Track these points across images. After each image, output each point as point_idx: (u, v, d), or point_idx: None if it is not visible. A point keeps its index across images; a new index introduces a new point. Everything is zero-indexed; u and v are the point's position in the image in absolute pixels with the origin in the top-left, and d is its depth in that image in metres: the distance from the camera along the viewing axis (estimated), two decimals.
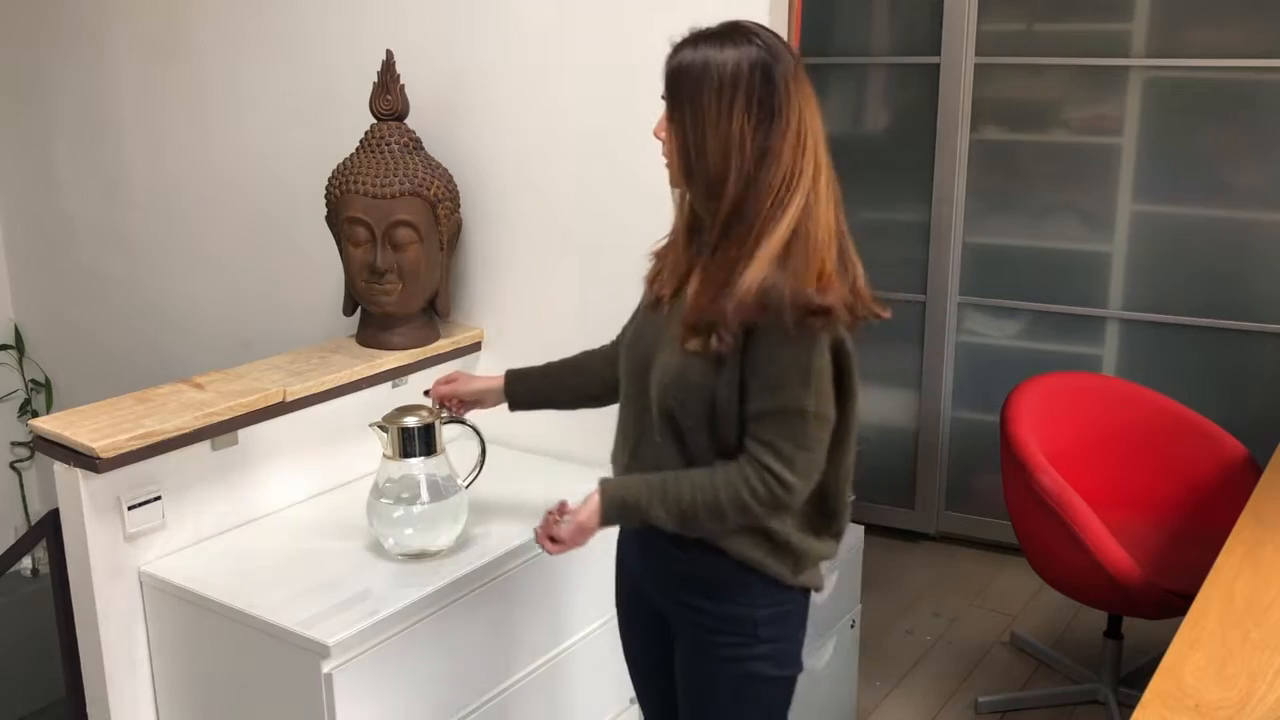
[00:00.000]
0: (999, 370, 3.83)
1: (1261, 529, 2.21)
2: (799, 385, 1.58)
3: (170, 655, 2.06)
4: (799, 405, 1.58)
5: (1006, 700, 3.07)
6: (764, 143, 1.58)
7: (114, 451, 1.92)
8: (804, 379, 1.58)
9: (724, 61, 1.58)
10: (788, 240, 1.57)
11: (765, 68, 1.58)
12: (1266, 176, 3.45)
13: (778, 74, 1.59)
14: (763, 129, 1.58)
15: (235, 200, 2.97)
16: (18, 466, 3.72)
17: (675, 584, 1.75)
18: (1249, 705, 1.64)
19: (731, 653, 1.70)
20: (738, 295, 1.56)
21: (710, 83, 1.58)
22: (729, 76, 1.57)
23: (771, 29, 1.68)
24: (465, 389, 2.05)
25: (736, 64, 1.58)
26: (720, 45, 1.60)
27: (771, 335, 1.56)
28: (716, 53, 1.59)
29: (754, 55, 1.59)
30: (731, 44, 1.59)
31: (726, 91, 1.57)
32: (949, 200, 3.82)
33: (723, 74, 1.58)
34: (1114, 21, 3.55)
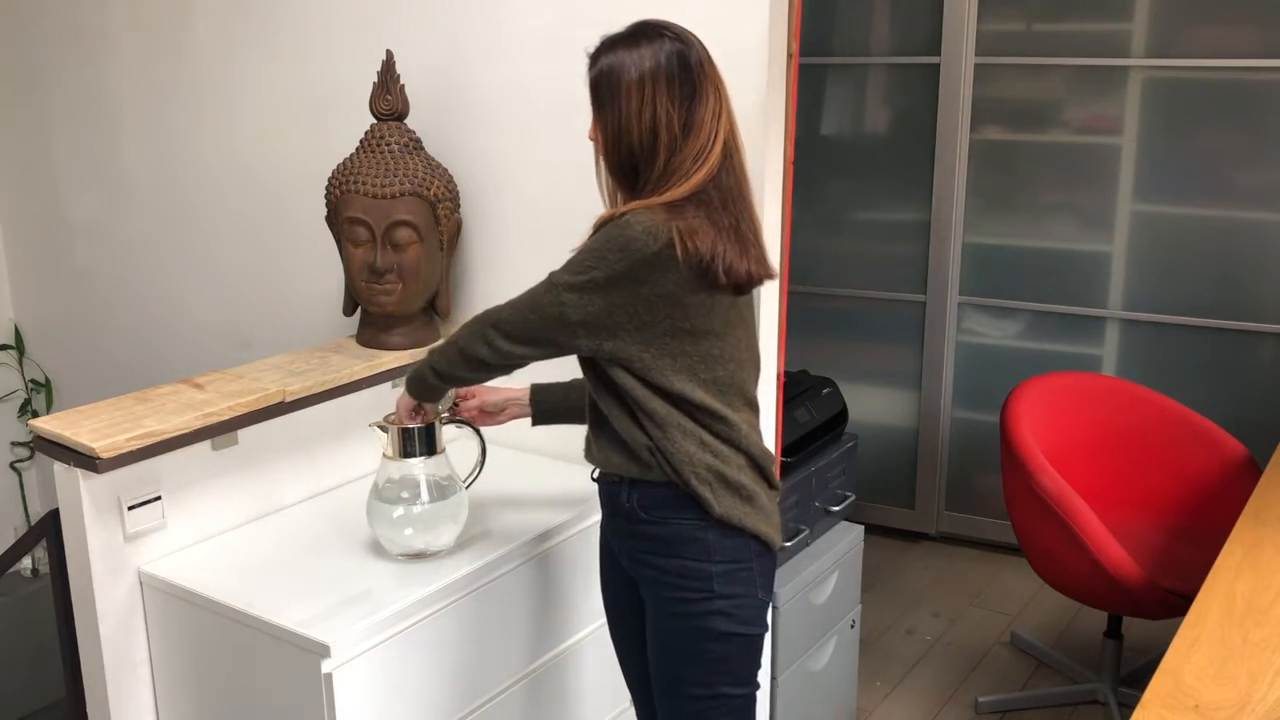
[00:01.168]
0: (999, 370, 3.83)
1: (1261, 529, 2.21)
2: (564, 270, 1.75)
3: (170, 655, 2.06)
4: (548, 280, 1.76)
5: (1006, 700, 3.07)
6: (687, 116, 1.72)
7: (114, 451, 1.92)
8: (575, 267, 1.73)
9: (641, 57, 1.73)
10: (682, 198, 1.71)
11: (681, 55, 1.74)
12: (1266, 176, 3.45)
13: (693, 58, 1.74)
14: (684, 105, 1.72)
15: (235, 200, 2.97)
16: (18, 466, 3.72)
17: (641, 547, 1.84)
18: (1249, 705, 1.64)
19: (689, 609, 1.79)
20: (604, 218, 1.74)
21: (630, 78, 1.73)
22: (648, 69, 1.72)
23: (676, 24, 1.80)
24: (490, 399, 2.10)
25: (654, 56, 1.73)
26: (635, 44, 1.74)
27: (593, 236, 1.74)
28: (633, 52, 1.73)
29: (669, 47, 1.74)
30: (645, 40, 1.74)
31: (648, 82, 1.72)
32: (949, 200, 3.82)
33: (641, 68, 1.72)
34: (1114, 21, 3.55)
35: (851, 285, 4.04)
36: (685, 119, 1.72)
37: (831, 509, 2.75)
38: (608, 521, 1.94)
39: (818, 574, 2.66)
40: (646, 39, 1.75)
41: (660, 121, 1.72)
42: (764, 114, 2.11)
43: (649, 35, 1.75)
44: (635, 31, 1.77)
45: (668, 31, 1.76)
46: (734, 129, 1.78)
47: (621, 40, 1.77)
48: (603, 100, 1.77)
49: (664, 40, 1.74)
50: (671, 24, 1.79)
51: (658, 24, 1.78)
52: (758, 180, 2.13)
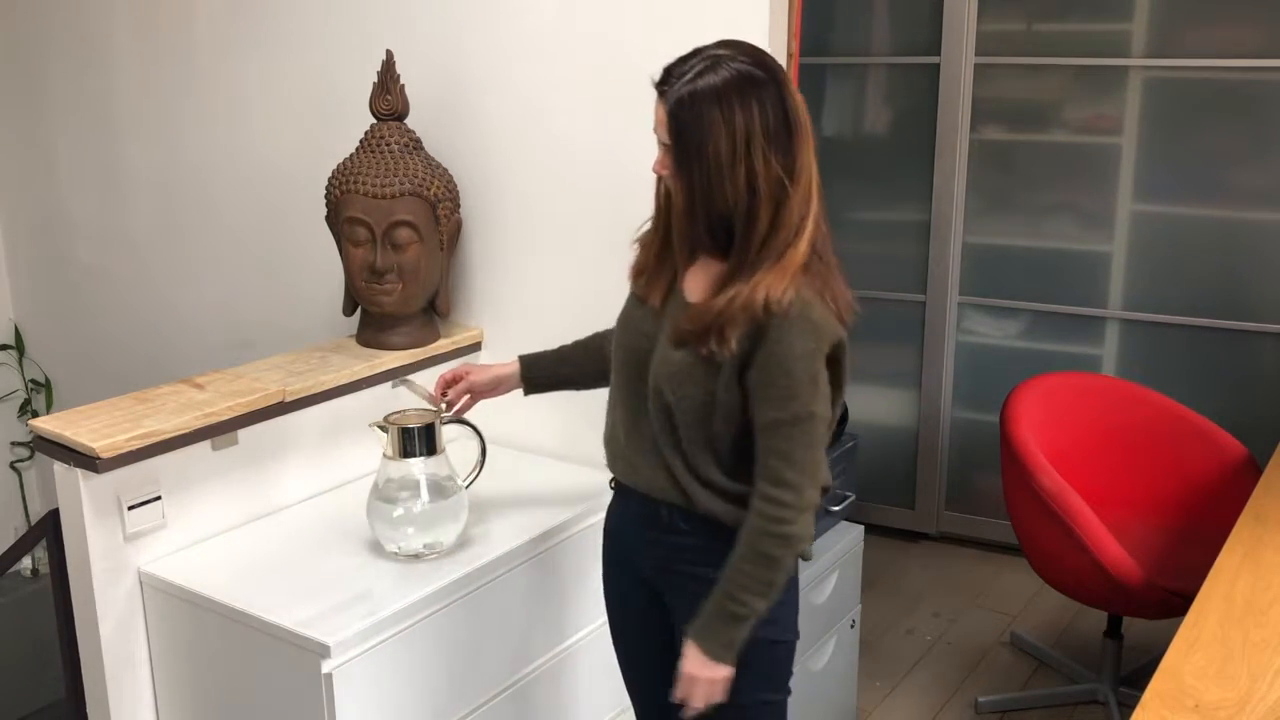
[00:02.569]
0: (999, 370, 3.83)
1: (1261, 529, 2.21)
2: (809, 395, 1.62)
3: (170, 655, 2.06)
4: (809, 410, 1.62)
5: (1006, 700, 3.07)
6: (789, 162, 1.59)
7: (114, 451, 1.92)
8: (814, 389, 1.62)
9: (732, 107, 1.55)
10: (808, 253, 1.62)
11: (777, 95, 1.58)
12: (1266, 176, 3.45)
13: (788, 96, 1.58)
14: (784, 151, 1.58)
15: (235, 200, 2.97)
16: (18, 466, 3.72)
17: (677, 556, 1.78)
18: (1249, 705, 1.64)
19: None
20: (758, 304, 1.59)
21: (723, 128, 1.56)
22: (741, 123, 1.55)
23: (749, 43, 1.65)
24: (480, 379, 2.06)
25: (747, 104, 1.56)
26: (723, 88, 1.56)
27: (787, 346, 1.60)
28: (723, 98, 1.56)
29: (764, 91, 1.57)
30: (735, 84, 1.56)
31: (741, 135, 1.56)
32: (949, 200, 3.82)
33: (733, 121, 1.55)
34: (1114, 21, 3.55)
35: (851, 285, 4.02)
36: (787, 165, 1.59)
37: (831, 509, 2.75)
38: (633, 531, 1.86)
39: (818, 574, 2.66)
40: (736, 85, 1.55)
41: (759, 176, 1.57)
42: None
43: (741, 80, 1.56)
44: (716, 64, 1.57)
45: (756, 65, 1.58)
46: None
47: (704, 76, 1.57)
48: (687, 151, 1.59)
49: (757, 81, 1.56)
50: (752, 49, 1.61)
51: (743, 48, 1.60)
52: None
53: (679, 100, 1.59)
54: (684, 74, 1.59)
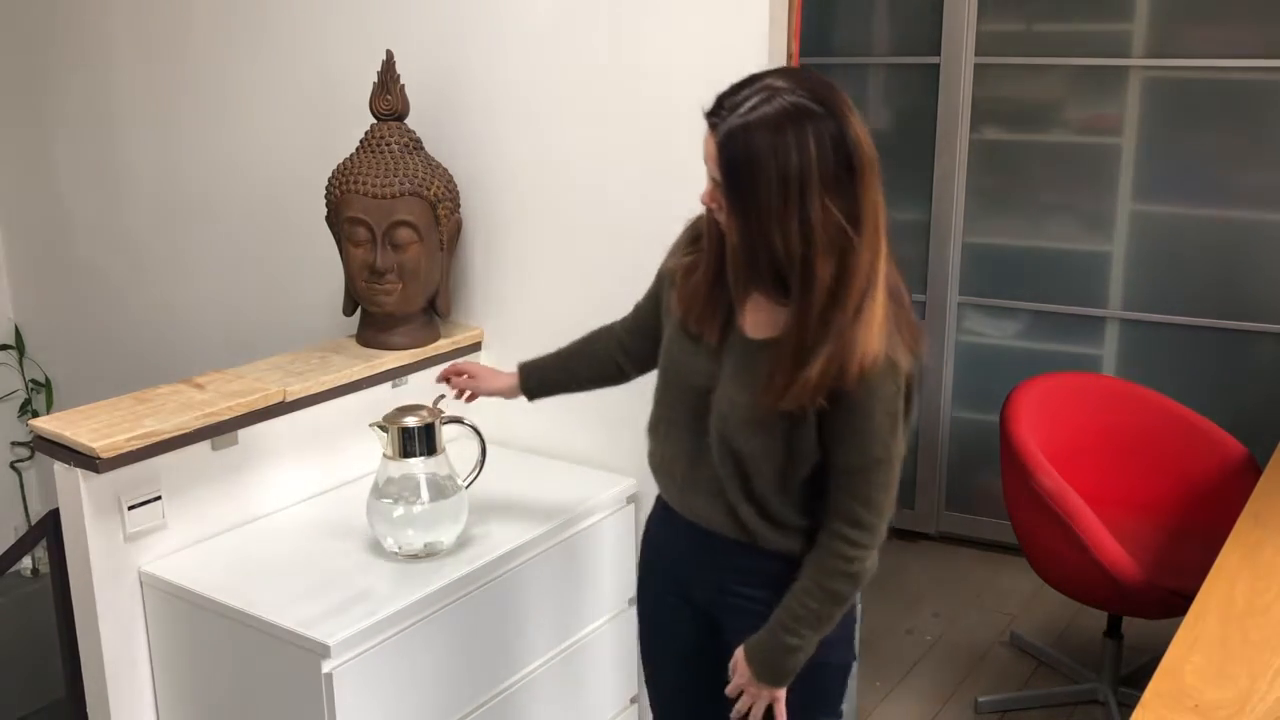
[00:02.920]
0: (999, 370, 3.83)
1: (1261, 529, 2.21)
2: (889, 436, 1.58)
3: (170, 655, 2.06)
4: (889, 454, 1.59)
5: (1006, 700, 3.07)
6: (851, 206, 1.46)
7: (114, 451, 1.92)
8: (893, 429, 1.58)
9: (786, 145, 1.43)
10: (887, 305, 1.52)
11: (838, 137, 1.44)
12: (1266, 176, 3.44)
13: (850, 134, 1.45)
14: (845, 195, 1.46)
15: (235, 200, 2.97)
16: (18, 466, 3.72)
17: (735, 579, 1.74)
18: (1249, 705, 1.64)
19: None
20: (853, 374, 1.51)
21: (775, 169, 1.43)
22: (795, 166, 1.43)
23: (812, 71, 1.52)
24: (484, 387, 2.07)
25: (803, 145, 1.43)
26: (775, 122, 1.43)
27: (871, 393, 1.55)
28: (775, 135, 1.43)
29: (822, 127, 1.43)
30: (790, 119, 1.43)
31: (794, 178, 1.43)
32: (949, 200, 3.82)
33: (787, 164, 1.42)
34: (1114, 21, 3.55)
35: None
36: (849, 211, 1.46)
37: None
38: (684, 553, 1.80)
39: None
40: (792, 121, 1.42)
41: (815, 223, 1.44)
42: None
43: (797, 115, 1.43)
44: (771, 96, 1.44)
45: (815, 98, 1.44)
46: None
47: (757, 110, 1.44)
48: (738, 191, 1.47)
49: (814, 117, 1.43)
50: (809, 76, 1.49)
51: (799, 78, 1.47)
52: None
53: (729, 134, 1.47)
54: (736, 105, 1.47)
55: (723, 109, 1.49)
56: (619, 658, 2.43)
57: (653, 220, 2.28)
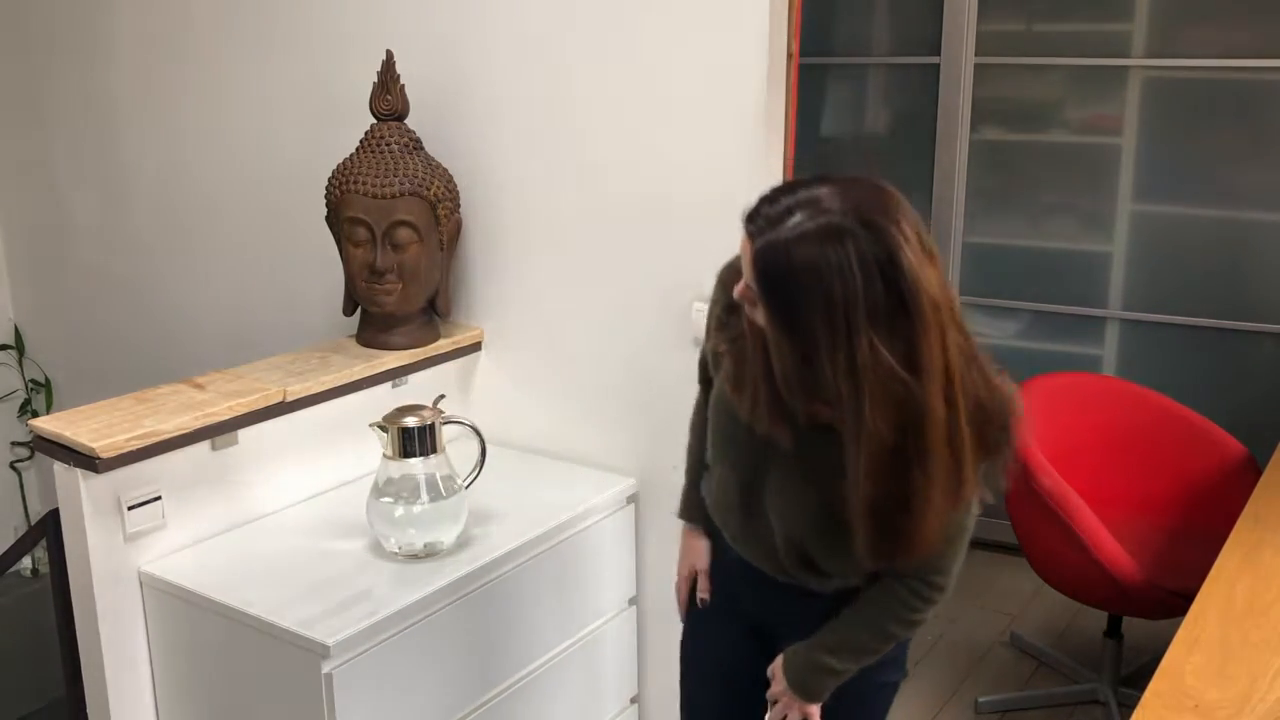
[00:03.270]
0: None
1: (1261, 529, 2.21)
2: (966, 514, 1.51)
3: (170, 655, 2.06)
4: (964, 526, 1.54)
5: (1006, 700, 3.07)
6: (908, 350, 1.28)
7: (114, 451, 1.92)
8: (969, 507, 1.50)
9: (830, 272, 1.24)
10: (970, 426, 1.36)
11: (885, 263, 1.25)
12: (1266, 176, 3.44)
13: (902, 263, 1.25)
14: (897, 335, 1.27)
15: (235, 200, 2.97)
16: (18, 466, 3.72)
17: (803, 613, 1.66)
18: (1249, 705, 1.64)
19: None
20: (959, 518, 1.42)
21: (820, 301, 1.26)
22: (839, 296, 1.24)
23: (866, 180, 1.33)
24: (704, 563, 1.84)
25: (845, 273, 1.24)
26: (819, 242, 1.26)
27: None
28: (816, 257, 1.25)
29: (866, 249, 1.25)
30: (832, 236, 1.25)
31: (840, 312, 1.25)
32: (949, 200, 3.82)
33: (831, 293, 1.24)
34: (1114, 21, 3.55)
35: None
36: (906, 355, 1.28)
37: None
38: (752, 591, 1.73)
39: None
40: (834, 240, 1.24)
41: (864, 367, 1.26)
42: (764, 114, 2.11)
43: (838, 235, 1.25)
44: (816, 212, 1.27)
45: (863, 220, 1.26)
46: (955, 313, 1.32)
47: (799, 228, 1.27)
48: (780, 316, 1.31)
49: (859, 242, 1.25)
50: (864, 195, 1.29)
51: (846, 203, 1.28)
52: (758, 181, 2.13)
53: (766, 249, 1.30)
54: (775, 218, 1.31)
55: (758, 217, 1.33)
56: (619, 658, 2.43)
57: (653, 220, 2.28)
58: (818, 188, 1.31)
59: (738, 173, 2.15)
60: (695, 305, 2.24)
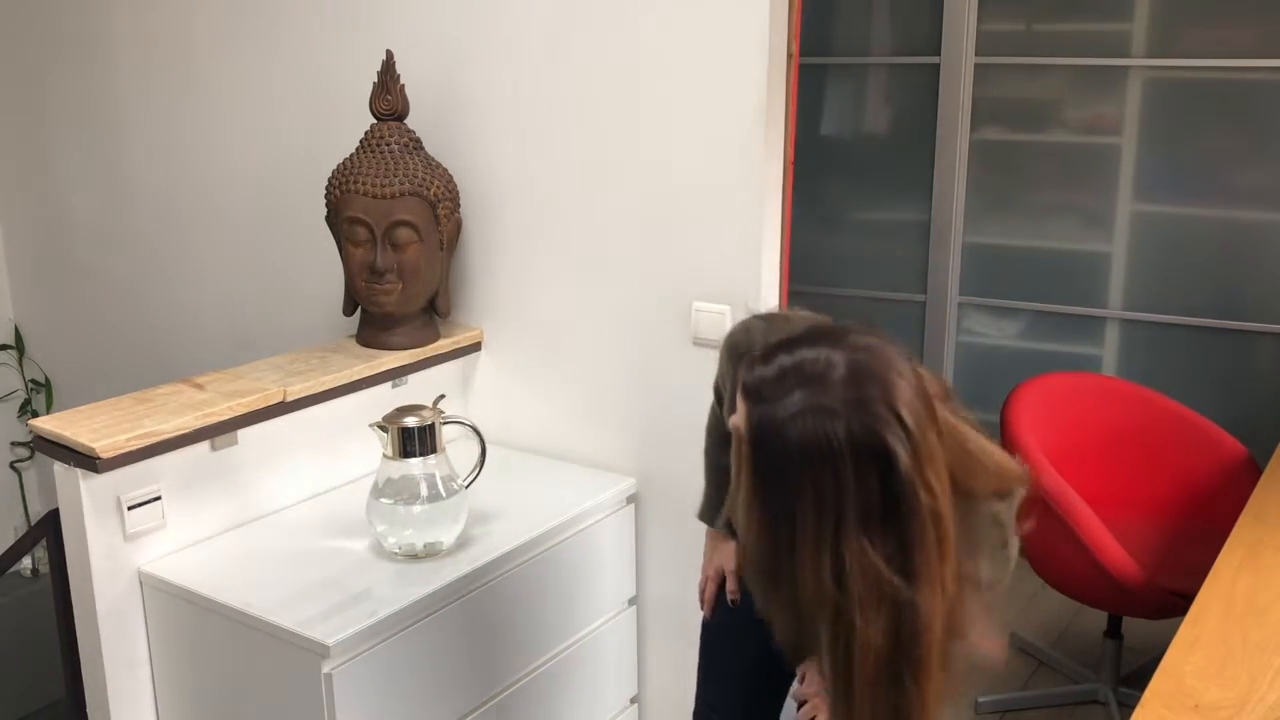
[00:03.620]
0: (999, 370, 3.83)
1: (1261, 529, 2.21)
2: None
3: (170, 655, 2.06)
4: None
5: (1006, 700, 3.07)
6: (901, 558, 1.16)
7: (114, 451, 1.92)
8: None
9: (822, 462, 1.13)
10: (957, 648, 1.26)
11: (881, 460, 1.13)
12: (1266, 176, 3.44)
13: (903, 459, 1.13)
14: (890, 541, 1.16)
15: (235, 200, 2.97)
16: (18, 466, 3.72)
17: None
18: (1249, 705, 1.64)
19: None
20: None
21: (806, 492, 1.15)
22: (830, 490, 1.14)
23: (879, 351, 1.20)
24: (733, 563, 1.82)
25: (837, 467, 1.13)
26: (815, 425, 1.14)
27: None
28: (811, 439, 1.13)
29: (859, 442, 1.13)
30: (830, 423, 1.13)
31: (830, 509, 1.14)
32: (949, 200, 3.82)
33: (821, 485, 1.14)
34: (1114, 21, 3.55)
35: (851, 285, 4.03)
36: (900, 563, 1.15)
37: None
38: None
39: None
40: (831, 427, 1.13)
41: (852, 573, 1.15)
42: (764, 114, 2.11)
43: (831, 418, 1.13)
44: (814, 393, 1.15)
45: (866, 405, 1.14)
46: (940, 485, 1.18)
47: (792, 405, 1.15)
48: (764, 498, 1.19)
49: (851, 425, 1.13)
50: (864, 367, 1.17)
51: (844, 391, 1.15)
52: (758, 181, 2.13)
53: (761, 425, 1.18)
54: (771, 386, 1.18)
55: (755, 380, 1.20)
56: (619, 658, 2.43)
57: (653, 220, 2.28)
58: (819, 350, 1.19)
59: (738, 173, 2.15)
60: (695, 305, 2.24)
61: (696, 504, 1.89)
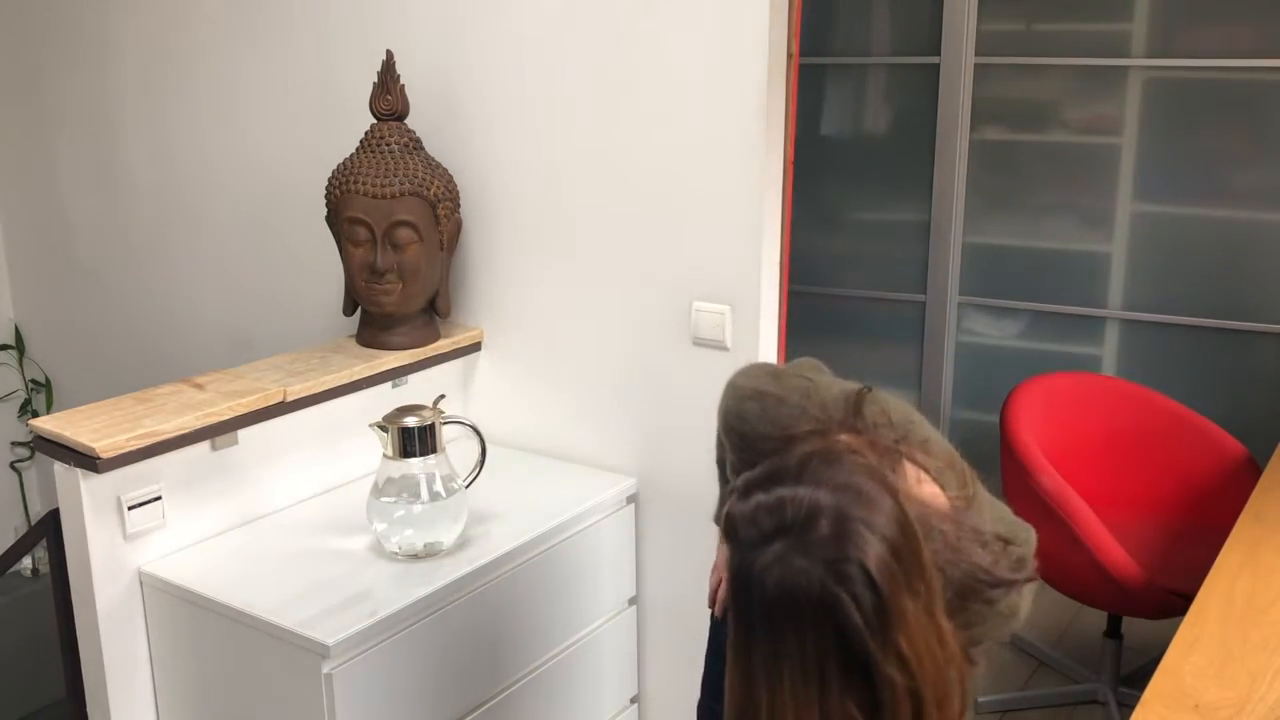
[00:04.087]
0: (999, 370, 3.83)
1: (1261, 529, 2.21)
2: None
3: (170, 655, 2.06)
4: None
5: (1006, 700, 3.07)
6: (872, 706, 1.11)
7: (114, 451, 1.92)
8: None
9: (789, 603, 1.09)
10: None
11: (841, 626, 1.08)
12: (1266, 176, 3.45)
13: (860, 630, 1.08)
14: (869, 706, 1.11)
15: (235, 200, 2.97)
16: (18, 466, 3.72)
17: None
18: (1249, 705, 1.64)
19: None
20: None
21: (789, 648, 1.10)
22: (813, 647, 1.09)
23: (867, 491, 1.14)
24: None
25: (818, 622, 1.09)
26: (786, 563, 1.09)
27: None
28: (791, 592, 1.09)
29: (828, 594, 1.09)
30: (799, 569, 1.09)
31: (813, 665, 1.10)
32: (949, 200, 3.82)
33: (804, 640, 1.09)
34: (1114, 21, 3.55)
35: (851, 285, 4.03)
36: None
37: None
38: None
39: None
40: (797, 570, 1.08)
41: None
42: (764, 114, 2.11)
43: (796, 567, 1.09)
44: (795, 549, 1.10)
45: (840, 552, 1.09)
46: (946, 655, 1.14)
47: (774, 548, 1.10)
48: (748, 651, 1.13)
49: (818, 574, 1.09)
50: (862, 499, 1.12)
51: (828, 543, 1.10)
52: (758, 181, 2.13)
53: (741, 574, 1.13)
54: (751, 530, 1.14)
55: (737, 524, 1.15)
56: (619, 658, 2.43)
57: (653, 220, 2.28)
58: (800, 490, 1.14)
59: (738, 172, 2.15)
60: (695, 305, 2.24)
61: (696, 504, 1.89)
